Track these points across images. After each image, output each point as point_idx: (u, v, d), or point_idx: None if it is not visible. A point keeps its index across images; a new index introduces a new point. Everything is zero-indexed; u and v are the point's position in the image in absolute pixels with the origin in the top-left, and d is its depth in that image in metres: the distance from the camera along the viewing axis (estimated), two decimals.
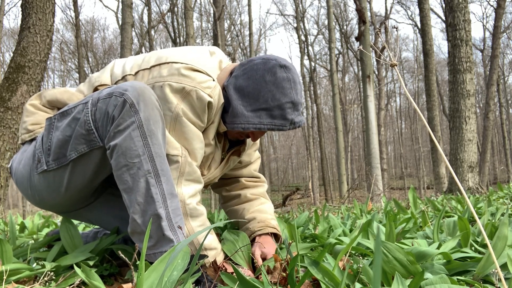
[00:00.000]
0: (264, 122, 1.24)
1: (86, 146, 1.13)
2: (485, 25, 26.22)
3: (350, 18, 27.63)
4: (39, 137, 1.25)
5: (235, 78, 1.28)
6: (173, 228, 1.09)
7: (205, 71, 1.23)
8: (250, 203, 1.56)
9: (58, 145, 1.17)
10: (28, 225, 2.39)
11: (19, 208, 19.74)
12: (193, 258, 0.82)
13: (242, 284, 0.97)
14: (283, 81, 1.24)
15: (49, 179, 1.21)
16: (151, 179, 1.07)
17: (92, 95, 1.15)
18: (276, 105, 1.23)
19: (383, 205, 3.40)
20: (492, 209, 2.17)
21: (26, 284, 1.16)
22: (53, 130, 1.19)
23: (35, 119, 1.32)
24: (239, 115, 1.25)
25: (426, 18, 10.49)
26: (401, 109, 34.52)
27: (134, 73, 1.27)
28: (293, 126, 1.28)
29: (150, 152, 1.07)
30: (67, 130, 1.15)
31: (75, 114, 1.15)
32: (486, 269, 1.04)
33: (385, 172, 14.84)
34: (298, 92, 1.28)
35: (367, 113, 8.84)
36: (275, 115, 1.24)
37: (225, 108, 1.29)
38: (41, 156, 1.20)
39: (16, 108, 3.61)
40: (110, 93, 1.09)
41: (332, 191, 22.42)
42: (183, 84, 1.18)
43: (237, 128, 1.26)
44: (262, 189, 1.63)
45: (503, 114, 24.65)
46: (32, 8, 3.60)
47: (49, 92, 1.36)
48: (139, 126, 1.06)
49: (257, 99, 1.24)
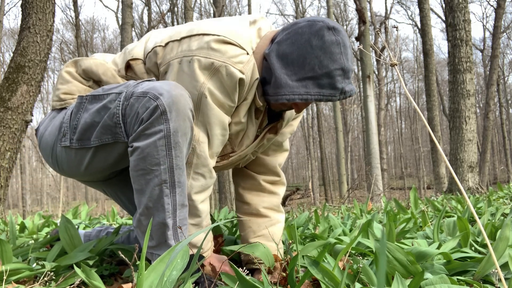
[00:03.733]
0: (311, 93, 1.13)
1: (111, 137, 1.11)
2: (485, 25, 26.26)
3: (350, 18, 27.63)
4: (68, 110, 1.21)
5: (278, 44, 1.16)
6: (177, 238, 1.09)
7: (238, 44, 1.13)
8: (258, 223, 1.43)
9: (84, 127, 1.14)
10: (28, 225, 2.39)
11: (19, 208, 19.74)
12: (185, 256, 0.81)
13: (242, 284, 0.97)
14: (331, 45, 1.12)
15: (71, 155, 1.20)
16: (166, 189, 1.05)
17: (127, 86, 1.11)
18: (324, 73, 1.12)
19: (383, 205, 3.40)
20: (492, 209, 2.17)
21: (26, 284, 1.16)
22: (82, 110, 1.16)
23: (68, 88, 1.28)
24: (283, 85, 1.14)
25: (426, 18, 10.49)
26: (401, 109, 34.52)
27: (164, 44, 1.19)
28: (344, 96, 1.15)
29: (171, 163, 1.04)
30: (96, 116, 1.12)
31: (107, 102, 1.11)
32: (487, 269, 1.04)
33: (385, 172, 14.84)
34: (349, 58, 1.15)
35: (367, 113, 8.84)
36: (323, 84, 1.13)
37: (266, 80, 1.19)
38: (67, 131, 1.18)
39: (16, 108, 3.61)
40: (145, 92, 1.05)
41: (332, 191, 22.42)
42: (212, 59, 1.10)
43: (281, 100, 1.15)
44: (277, 200, 1.48)
45: (503, 114, 24.65)
46: (32, 8, 3.60)
47: (85, 61, 1.30)
48: (167, 136, 1.03)
49: (303, 66, 1.12)
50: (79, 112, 1.16)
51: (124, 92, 1.09)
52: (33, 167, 31.42)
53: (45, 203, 26.25)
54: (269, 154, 1.47)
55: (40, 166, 28.46)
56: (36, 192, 28.35)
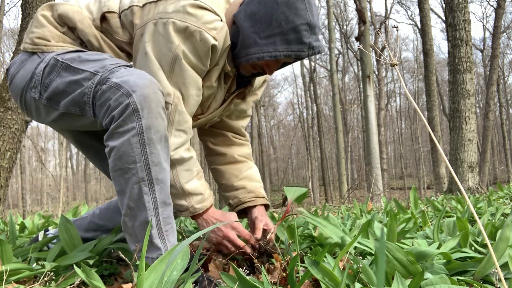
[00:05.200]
0: (279, 49, 1.16)
1: (79, 110, 1.15)
2: (485, 25, 26.27)
3: (350, 18, 27.66)
4: (42, 63, 1.21)
5: (245, 5, 1.21)
6: (162, 237, 1.10)
7: (213, 10, 1.16)
8: (238, 168, 1.53)
9: (55, 91, 1.17)
10: (28, 225, 2.39)
11: (19, 208, 19.74)
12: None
13: (242, 284, 0.97)
14: (296, 1, 1.15)
15: (39, 106, 1.23)
16: (145, 187, 1.07)
17: (104, 66, 1.12)
18: (291, 28, 1.15)
19: (383, 205, 3.40)
20: (492, 209, 2.17)
21: (26, 284, 1.16)
22: (55, 74, 1.17)
23: (42, 32, 1.27)
24: (252, 44, 1.18)
25: (426, 18, 10.49)
26: (401, 109, 34.52)
27: (141, 5, 1.21)
28: (312, 51, 1.19)
29: (146, 160, 1.06)
30: (68, 86, 1.15)
31: (80, 78, 1.13)
32: (487, 269, 1.04)
33: (385, 172, 14.84)
34: (314, 14, 1.18)
35: (367, 113, 8.84)
36: (291, 39, 1.16)
37: (235, 44, 1.23)
38: (38, 84, 1.20)
39: (16, 108, 3.61)
40: (119, 85, 1.06)
41: (332, 191, 22.41)
42: (187, 23, 1.13)
43: (251, 59, 1.19)
44: (248, 150, 1.59)
45: (503, 114, 24.66)
46: (32, 8, 3.60)
47: (61, 6, 1.29)
48: (139, 133, 1.05)
49: (270, 23, 1.16)
50: (52, 74, 1.18)
51: (99, 74, 1.11)
52: (33, 167, 31.43)
53: (45, 203, 26.24)
54: (232, 118, 1.54)
55: (40, 166, 28.47)
56: (36, 192, 28.35)
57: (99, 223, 1.58)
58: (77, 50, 1.23)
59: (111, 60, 1.16)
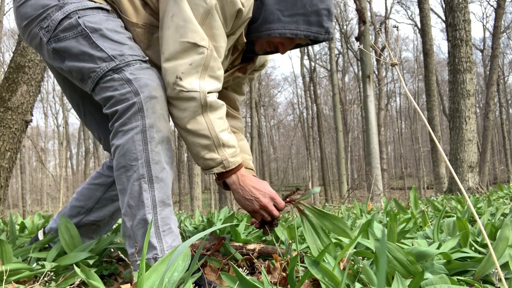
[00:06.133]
0: (301, 28, 1.22)
1: (80, 78, 1.17)
2: (485, 25, 26.28)
3: (350, 18, 27.69)
4: (60, 12, 1.16)
5: None
6: (159, 236, 1.10)
7: None
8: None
9: (65, 50, 1.16)
10: (28, 225, 2.39)
11: (19, 208, 19.74)
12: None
13: (242, 284, 0.97)
14: None
15: (42, 45, 1.21)
16: (144, 184, 1.08)
17: (123, 56, 1.13)
18: (314, 11, 1.21)
19: (383, 205, 3.40)
20: (492, 209, 2.17)
21: (26, 284, 1.16)
22: (73, 34, 1.15)
23: None
24: (275, 20, 1.22)
25: (426, 18, 10.49)
26: (401, 109, 34.53)
27: None
28: (327, 36, 1.25)
29: (147, 158, 1.08)
30: (81, 54, 1.15)
31: (96, 56, 1.13)
32: (487, 269, 1.04)
33: (385, 172, 14.85)
34: (332, 2, 1.27)
35: (367, 113, 8.84)
36: (312, 21, 1.22)
37: (253, 19, 1.26)
38: (50, 30, 1.17)
39: (16, 108, 3.61)
40: (131, 81, 1.09)
41: (332, 191, 22.42)
42: None
43: (273, 34, 1.23)
44: (240, 124, 1.60)
45: (503, 114, 24.67)
46: None
47: None
48: (142, 130, 1.08)
49: (295, 3, 1.21)
50: (69, 32, 1.16)
51: (115, 62, 1.12)
52: (33, 167, 31.42)
53: (45, 203, 26.25)
54: (228, 90, 1.56)
55: (40, 166, 28.47)
56: (36, 192, 28.36)
57: (79, 205, 1.52)
58: (98, 7, 1.19)
59: (130, 50, 1.16)
